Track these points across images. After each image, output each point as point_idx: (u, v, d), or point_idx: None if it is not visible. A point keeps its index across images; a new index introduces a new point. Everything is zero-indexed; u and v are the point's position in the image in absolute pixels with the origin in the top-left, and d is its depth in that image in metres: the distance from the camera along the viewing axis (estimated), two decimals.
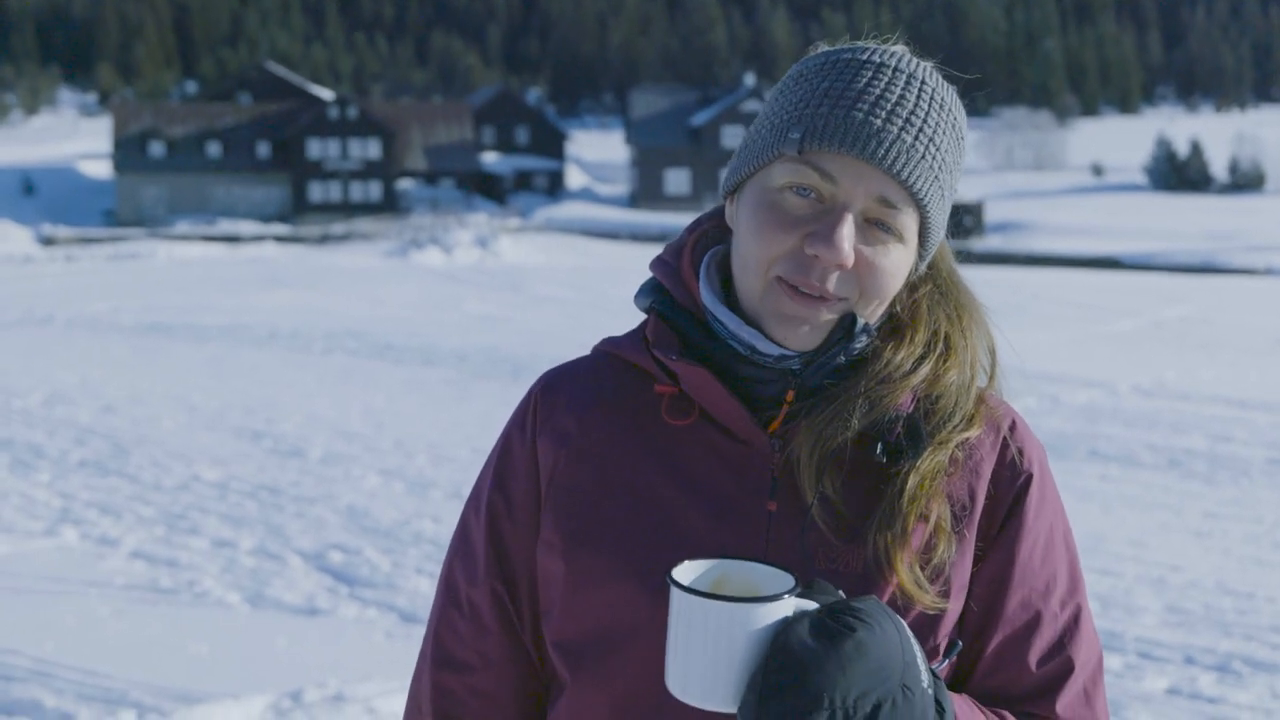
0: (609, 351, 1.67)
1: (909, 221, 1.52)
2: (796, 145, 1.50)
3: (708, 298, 1.58)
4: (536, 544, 1.63)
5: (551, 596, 1.61)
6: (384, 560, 8.12)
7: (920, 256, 1.57)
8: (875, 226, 1.51)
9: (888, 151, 1.48)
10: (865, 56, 1.54)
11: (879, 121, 1.49)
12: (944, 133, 1.53)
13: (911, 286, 1.62)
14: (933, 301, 1.62)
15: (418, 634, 6.80)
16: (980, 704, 1.54)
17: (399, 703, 5.75)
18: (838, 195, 1.49)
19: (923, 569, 1.51)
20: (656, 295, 1.63)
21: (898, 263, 1.53)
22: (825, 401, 1.54)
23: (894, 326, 1.60)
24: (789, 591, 1.35)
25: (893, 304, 1.60)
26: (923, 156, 1.50)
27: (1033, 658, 1.56)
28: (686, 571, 1.39)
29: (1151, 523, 9.12)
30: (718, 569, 1.41)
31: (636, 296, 1.65)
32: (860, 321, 1.54)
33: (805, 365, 1.54)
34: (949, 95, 1.56)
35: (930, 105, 1.53)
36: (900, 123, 1.50)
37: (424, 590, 7.52)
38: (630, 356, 1.63)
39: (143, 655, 6.42)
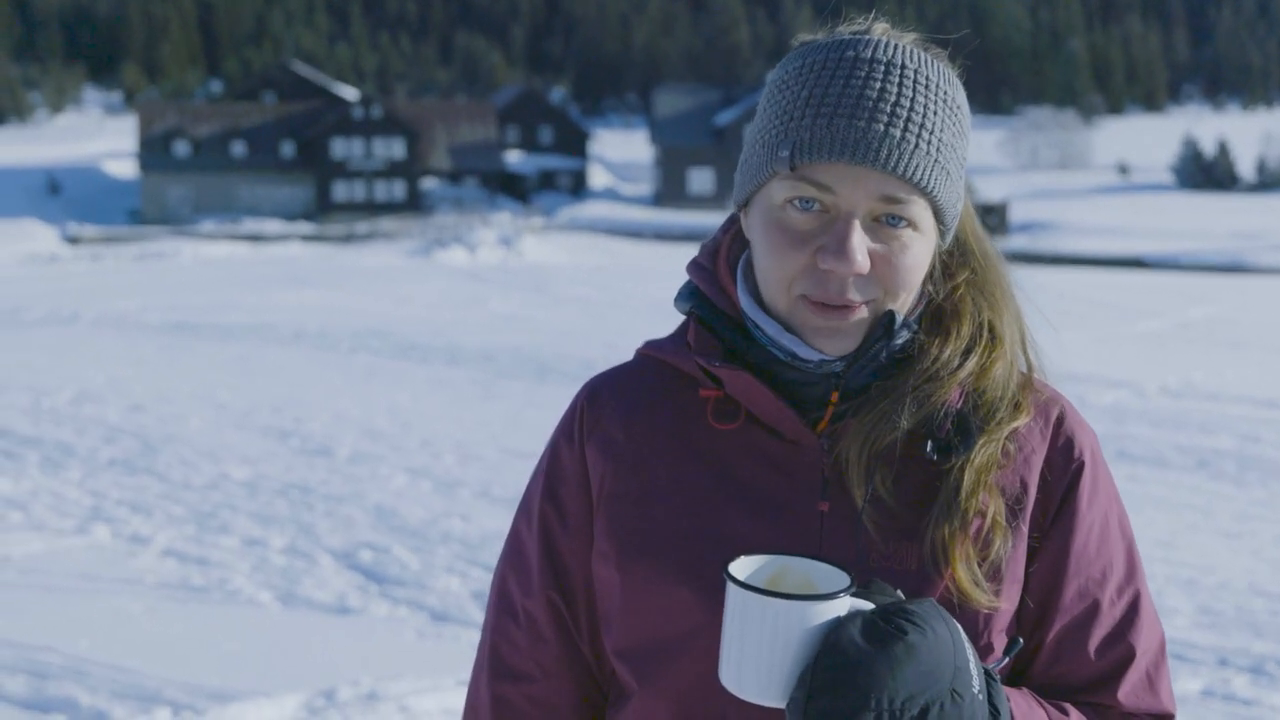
0: (652, 355, 1.67)
1: (918, 211, 1.50)
2: (788, 162, 1.49)
3: (746, 303, 1.58)
4: (591, 552, 1.63)
5: (609, 605, 1.61)
6: (413, 559, 8.14)
7: (941, 235, 1.56)
8: (885, 224, 1.50)
9: (879, 150, 1.46)
10: (840, 54, 1.52)
11: (863, 122, 1.47)
12: (934, 113, 1.51)
13: (949, 273, 1.61)
14: (973, 290, 1.61)
15: (449, 633, 6.82)
16: (1041, 697, 1.54)
17: (431, 701, 5.77)
18: (840, 204, 1.48)
19: (980, 565, 1.51)
20: (695, 300, 1.63)
21: (917, 254, 1.51)
22: (872, 401, 1.54)
23: (936, 318, 1.59)
24: (844, 590, 1.36)
25: (933, 294, 1.59)
26: (915, 145, 1.48)
27: (1092, 647, 1.56)
28: (743, 567, 1.40)
29: (1181, 524, 9.09)
30: (774, 564, 1.42)
31: (676, 300, 1.65)
32: (899, 318, 1.54)
33: (848, 366, 1.54)
34: (934, 71, 1.53)
35: (915, 89, 1.50)
36: (885, 118, 1.48)
37: (454, 589, 7.54)
38: (673, 360, 1.63)
39: (176, 653, 6.46)
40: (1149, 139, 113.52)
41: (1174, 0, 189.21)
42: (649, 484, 1.59)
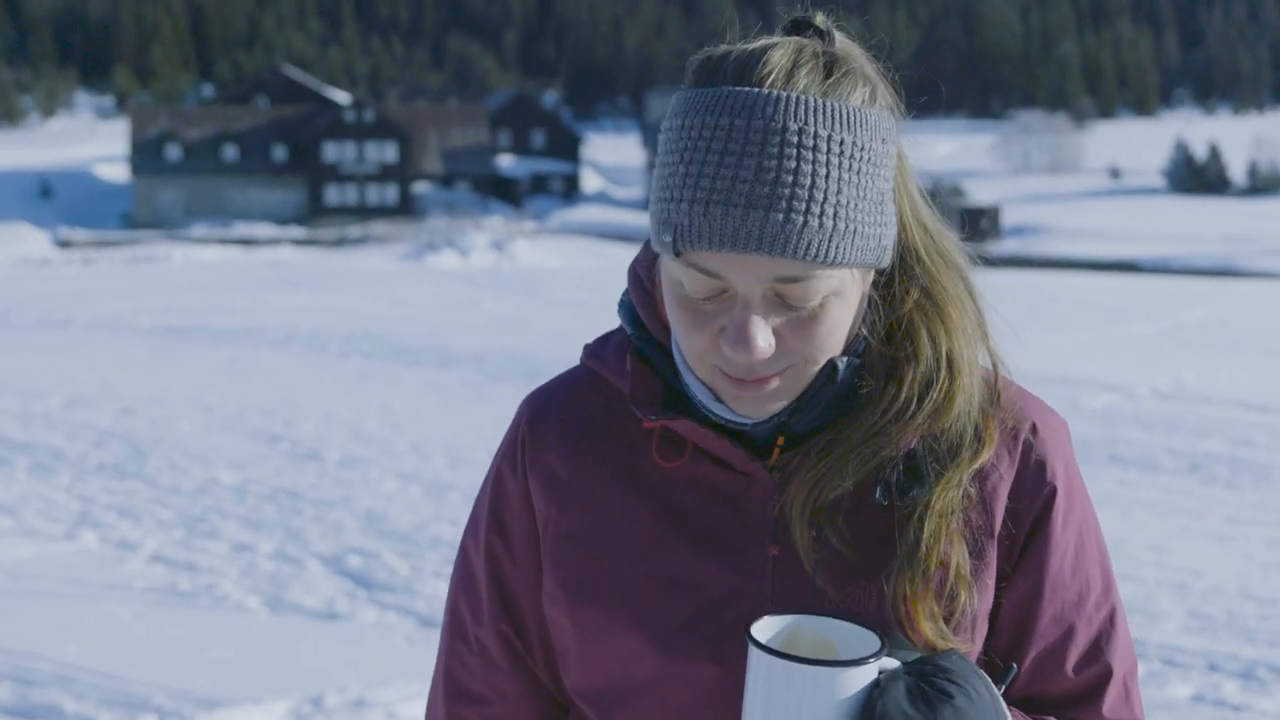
0: (595, 370, 1.58)
1: (822, 282, 1.37)
2: (671, 249, 1.36)
3: (679, 360, 1.48)
4: (540, 581, 1.57)
5: (564, 645, 1.56)
6: (402, 564, 8.12)
7: (870, 273, 1.44)
8: (788, 299, 1.37)
9: (761, 239, 1.32)
10: (716, 120, 1.35)
11: (739, 210, 1.32)
12: (826, 175, 1.34)
13: (895, 298, 1.48)
14: (924, 314, 1.47)
15: (437, 639, 6.79)
16: (1026, 714, 1.51)
17: (419, 708, 5.74)
18: (735, 287, 1.36)
19: (946, 621, 1.43)
20: (636, 328, 1.53)
21: (833, 318, 1.39)
22: (815, 456, 1.45)
23: (887, 357, 1.46)
24: (878, 653, 1.29)
25: (874, 322, 1.46)
26: (805, 223, 1.33)
27: (1070, 667, 1.51)
28: (764, 629, 1.32)
29: (1172, 527, 9.08)
30: (792, 624, 1.35)
31: (619, 308, 1.56)
32: (841, 363, 1.43)
33: (791, 415, 1.45)
34: (825, 118, 1.36)
35: (800, 155, 1.33)
36: (765, 201, 1.32)
37: (442, 594, 7.51)
38: (615, 380, 1.54)
39: (164, 659, 6.42)
40: (1140, 143, 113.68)
41: (1165, 4, 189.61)
42: (595, 526, 1.52)
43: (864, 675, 1.26)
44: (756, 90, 1.36)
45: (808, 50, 1.41)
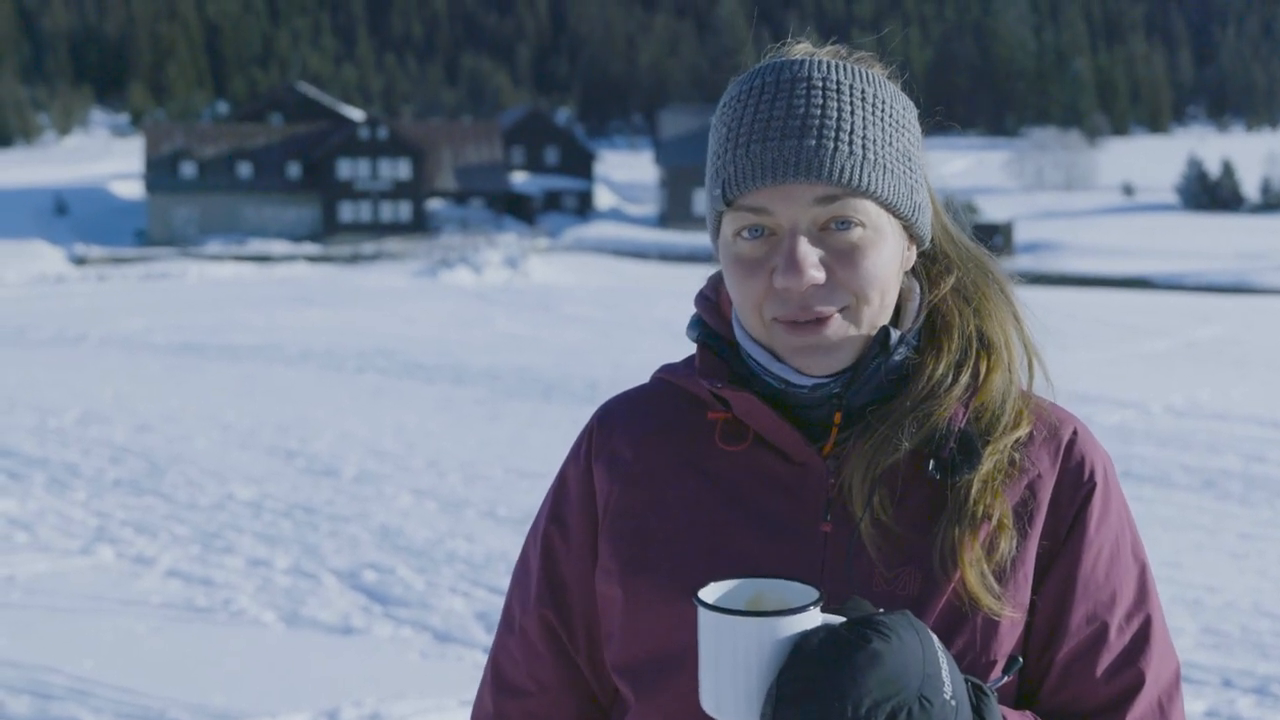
0: (665, 379, 1.69)
1: (861, 208, 1.50)
2: (722, 200, 1.53)
3: (740, 334, 1.59)
4: (593, 570, 1.65)
5: (612, 621, 1.62)
6: (418, 579, 8.14)
7: (909, 234, 1.57)
8: (832, 228, 1.50)
9: (796, 164, 1.48)
10: (750, 84, 1.55)
11: (775, 142, 1.49)
12: (851, 113, 1.51)
13: (934, 282, 1.61)
14: (959, 298, 1.61)
15: (452, 653, 6.82)
16: None
17: None
18: (780, 222, 1.50)
19: (987, 567, 1.50)
20: (700, 328, 1.65)
21: (877, 254, 1.51)
22: (874, 422, 1.53)
23: (931, 332, 1.59)
24: (811, 604, 1.35)
25: (933, 308, 1.60)
26: (835, 148, 1.49)
27: (1100, 671, 1.54)
28: (715, 591, 1.41)
29: (1187, 543, 9.07)
30: (751, 587, 1.43)
31: (687, 329, 1.67)
32: (895, 334, 1.54)
33: (846, 387, 1.54)
34: (846, 74, 1.54)
35: (825, 96, 1.51)
36: (798, 131, 1.49)
37: (458, 610, 7.53)
38: (684, 384, 1.65)
39: (180, 673, 6.46)
40: (1153, 160, 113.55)
41: (1178, 21, 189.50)
42: (654, 501, 1.61)
43: (798, 624, 1.34)
44: (785, 58, 1.58)
45: (831, 48, 1.62)
